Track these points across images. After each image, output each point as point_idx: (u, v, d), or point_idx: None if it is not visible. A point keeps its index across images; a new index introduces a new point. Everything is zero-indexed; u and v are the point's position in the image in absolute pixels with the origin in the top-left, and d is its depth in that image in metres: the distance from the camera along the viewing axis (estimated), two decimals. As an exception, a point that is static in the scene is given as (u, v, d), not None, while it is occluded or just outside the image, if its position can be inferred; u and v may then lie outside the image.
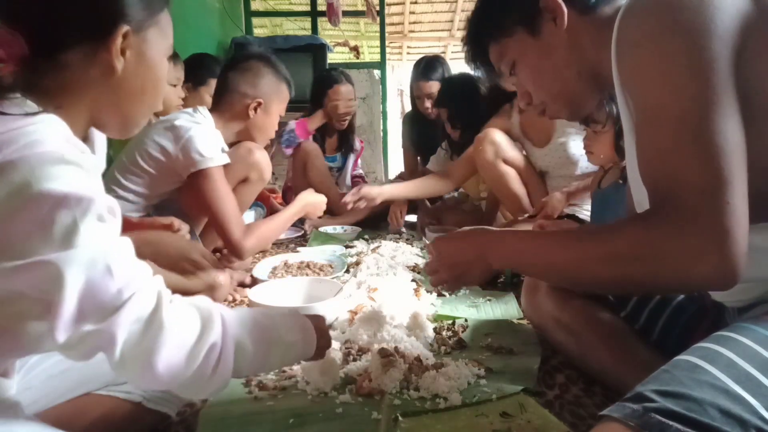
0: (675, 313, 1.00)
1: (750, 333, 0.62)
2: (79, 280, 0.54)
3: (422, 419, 0.91)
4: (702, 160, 0.63)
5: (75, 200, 0.54)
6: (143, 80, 0.71)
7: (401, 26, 7.14)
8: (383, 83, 4.45)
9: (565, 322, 1.12)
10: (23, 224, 0.53)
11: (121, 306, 0.57)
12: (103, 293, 0.56)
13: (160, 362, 0.61)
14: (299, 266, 1.86)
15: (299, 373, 1.08)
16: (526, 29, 0.88)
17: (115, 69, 0.66)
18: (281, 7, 5.66)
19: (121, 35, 0.65)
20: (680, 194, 0.64)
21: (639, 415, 0.53)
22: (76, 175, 0.56)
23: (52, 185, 0.53)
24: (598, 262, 0.72)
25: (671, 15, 0.67)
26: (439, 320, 1.37)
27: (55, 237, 0.53)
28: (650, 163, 0.70)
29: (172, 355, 0.62)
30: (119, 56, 0.66)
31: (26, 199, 0.53)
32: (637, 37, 0.70)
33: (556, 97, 0.92)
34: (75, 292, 0.54)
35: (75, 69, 0.64)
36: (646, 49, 0.69)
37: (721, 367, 0.57)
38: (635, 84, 0.72)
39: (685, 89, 0.65)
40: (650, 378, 0.59)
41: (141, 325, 0.59)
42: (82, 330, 0.55)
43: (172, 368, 0.62)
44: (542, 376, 1.08)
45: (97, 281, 0.55)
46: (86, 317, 0.55)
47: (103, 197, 0.58)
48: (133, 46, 0.68)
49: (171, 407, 0.89)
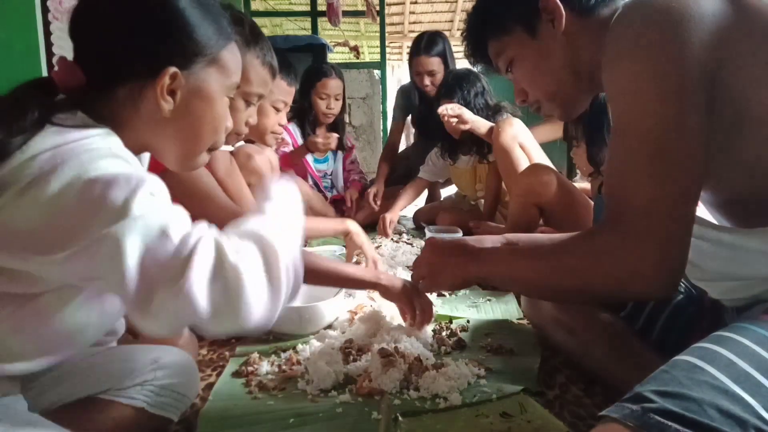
0: (674, 313, 1.00)
1: (749, 333, 0.62)
2: (137, 246, 0.54)
3: (422, 419, 0.92)
4: (653, 181, 0.67)
5: (125, 179, 0.57)
6: (199, 118, 0.72)
7: (401, 26, 7.15)
8: (383, 83, 4.46)
9: (565, 322, 1.12)
10: (77, 212, 0.55)
11: (186, 265, 0.55)
12: (162, 254, 0.56)
13: (252, 304, 0.58)
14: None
15: (301, 371, 1.08)
16: (525, 29, 0.88)
17: (162, 109, 0.68)
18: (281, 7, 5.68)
19: (168, 77, 0.67)
20: (626, 211, 0.68)
21: (638, 416, 0.53)
22: (124, 164, 0.60)
23: (101, 171, 0.57)
24: (555, 274, 0.78)
25: (650, 32, 0.69)
26: (439, 320, 1.37)
27: (108, 212, 0.55)
28: (610, 176, 0.74)
29: (259, 291, 0.60)
30: (166, 97, 0.68)
31: (78, 188, 0.56)
32: (616, 52, 0.73)
33: (551, 96, 0.93)
34: (135, 258, 0.54)
35: (125, 103, 0.68)
36: (622, 66, 0.72)
37: (720, 367, 0.57)
38: (611, 98, 0.75)
39: (650, 110, 0.68)
40: (649, 378, 0.59)
41: (215, 279, 0.57)
42: (155, 295, 0.55)
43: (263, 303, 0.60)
44: (542, 376, 1.08)
45: (155, 244, 0.56)
46: (153, 281, 0.55)
47: (153, 180, 0.60)
48: (185, 86, 0.69)
49: (174, 412, 0.89)
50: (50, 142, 0.59)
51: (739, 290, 0.74)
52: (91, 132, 0.62)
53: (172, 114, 0.69)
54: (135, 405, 0.83)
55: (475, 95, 2.28)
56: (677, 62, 0.66)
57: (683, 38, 0.66)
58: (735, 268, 0.74)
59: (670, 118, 0.67)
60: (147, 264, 0.55)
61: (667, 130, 0.67)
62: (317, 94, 2.61)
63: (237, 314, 0.58)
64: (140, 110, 0.68)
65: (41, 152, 0.58)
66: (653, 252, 0.66)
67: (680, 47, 0.66)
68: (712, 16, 0.67)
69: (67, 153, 0.58)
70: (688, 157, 0.66)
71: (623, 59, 0.71)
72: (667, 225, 0.66)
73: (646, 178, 0.67)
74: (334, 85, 2.61)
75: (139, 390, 0.85)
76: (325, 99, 2.61)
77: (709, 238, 0.74)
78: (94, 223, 0.54)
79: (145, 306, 0.55)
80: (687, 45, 0.66)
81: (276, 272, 0.61)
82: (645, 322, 1.03)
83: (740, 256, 0.72)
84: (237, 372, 1.10)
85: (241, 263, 0.58)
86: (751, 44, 0.67)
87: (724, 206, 0.79)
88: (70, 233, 0.55)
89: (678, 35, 0.66)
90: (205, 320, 0.57)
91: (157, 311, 0.55)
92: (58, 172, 0.56)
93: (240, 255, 0.59)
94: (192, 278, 0.55)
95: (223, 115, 0.75)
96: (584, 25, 0.85)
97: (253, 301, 0.58)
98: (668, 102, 0.67)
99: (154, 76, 0.67)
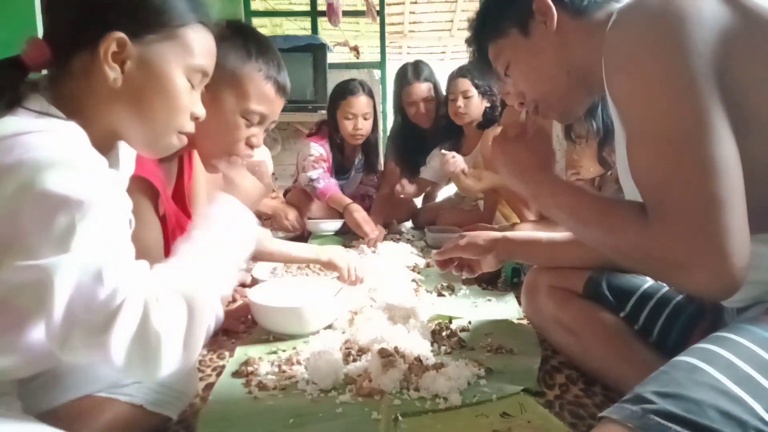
0: (674, 313, 1.00)
1: (748, 334, 0.62)
2: (69, 285, 0.55)
3: (422, 419, 0.91)
4: (688, 181, 0.65)
5: (75, 203, 0.56)
6: (150, 93, 0.70)
7: (401, 26, 7.13)
8: (383, 83, 4.45)
9: (565, 322, 1.12)
10: (26, 221, 0.55)
11: (111, 321, 0.57)
12: (91, 298, 0.57)
13: (164, 365, 0.62)
14: (299, 266, 1.86)
15: (301, 371, 1.08)
16: (520, 30, 0.90)
17: (107, 77, 0.66)
18: (281, 7, 5.66)
19: (115, 43, 0.65)
20: (676, 212, 0.66)
21: (638, 417, 0.53)
22: (80, 179, 0.58)
23: (54, 186, 0.55)
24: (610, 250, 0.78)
25: (651, 35, 0.69)
26: (439, 320, 1.37)
27: (53, 238, 0.55)
28: (645, 187, 0.71)
29: (174, 354, 0.63)
30: (112, 64, 0.66)
31: (29, 198, 0.55)
32: (621, 58, 0.72)
33: (546, 95, 0.93)
34: (64, 297, 0.55)
35: (79, 76, 0.66)
36: (630, 72, 0.71)
37: (720, 368, 0.57)
38: (621, 106, 0.75)
39: (667, 112, 0.67)
40: (649, 379, 0.59)
41: (136, 339, 0.59)
42: (75, 334, 0.56)
43: (175, 363, 0.63)
44: (542, 376, 1.08)
45: (87, 287, 0.56)
46: (76, 322, 0.56)
47: (109, 201, 0.59)
48: (136, 57, 0.67)
49: (173, 410, 0.89)
50: (12, 128, 0.58)
51: (740, 292, 0.74)
52: (54, 124, 0.61)
53: (124, 87, 0.67)
54: (133, 403, 0.83)
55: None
56: (683, 60, 0.65)
57: (685, 38, 0.66)
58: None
59: (689, 117, 0.65)
60: (74, 304, 0.56)
61: (690, 129, 0.65)
62: (343, 114, 2.42)
63: (149, 371, 0.62)
64: (91, 83, 0.66)
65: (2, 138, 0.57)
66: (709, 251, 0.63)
67: (683, 46, 0.66)
68: (711, 17, 0.67)
69: (24, 146, 0.57)
70: (722, 149, 0.64)
71: (627, 65, 0.71)
72: (720, 224, 0.63)
73: (682, 181, 0.65)
74: (361, 104, 2.40)
75: (138, 388, 0.84)
76: (351, 119, 2.41)
77: None
78: (39, 245, 0.55)
79: (62, 342, 0.57)
80: (690, 43, 0.65)
81: (197, 336, 0.65)
82: (645, 322, 1.03)
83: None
84: (237, 372, 1.10)
85: (164, 331, 0.61)
86: (751, 45, 0.67)
87: None
88: (8, 244, 0.55)
89: (679, 35, 0.66)
90: (115, 369, 0.59)
91: (72, 349, 0.58)
92: (12, 171, 0.55)
93: (164, 320, 0.61)
94: (113, 336, 0.57)
95: (180, 95, 0.72)
96: (577, 26, 0.86)
97: (168, 362, 0.62)
98: (683, 101, 0.66)
99: (96, 43, 0.65)
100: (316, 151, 2.49)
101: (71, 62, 0.66)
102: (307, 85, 3.64)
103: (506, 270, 1.70)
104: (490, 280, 1.71)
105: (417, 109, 2.63)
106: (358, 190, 2.76)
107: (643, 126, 0.70)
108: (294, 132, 3.70)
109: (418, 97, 2.61)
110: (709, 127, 0.64)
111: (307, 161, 2.46)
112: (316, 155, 2.47)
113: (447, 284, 1.67)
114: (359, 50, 4.87)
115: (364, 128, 2.43)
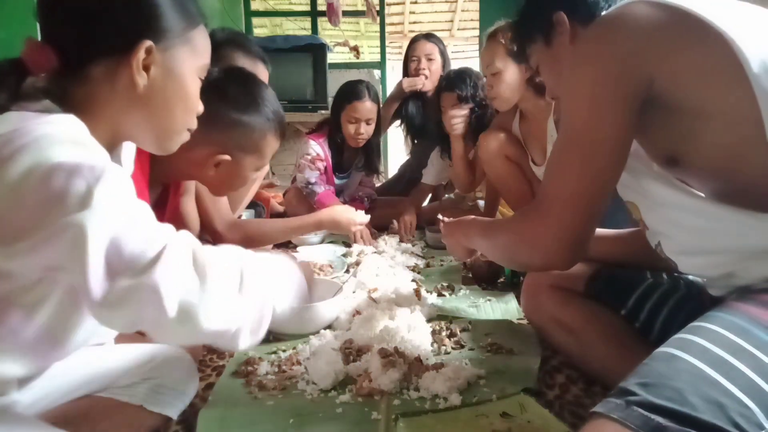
0: (674, 310, 1.00)
1: (720, 320, 0.65)
2: (102, 234, 0.54)
3: (422, 419, 0.92)
4: (578, 179, 0.78)
5: (88, 168, 0.55)
6: (172, 96, 0.72)
7: (401, 26, 7.13)
8: (383, 83, 4.45)
9: (565, 322, 1.13)
10: (39, 201, 0.54)
11: (156, 258, 0.56)
12: (130, 245, 0.55)
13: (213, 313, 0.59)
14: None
15: (301, 371, 1.08)
16: (544, 39, 0.98)
17: (136, 84, 0.67)
18: (281, 7, 5.66)
19: (144, 51, 0.66)
20: (553, 201, 0.81)
21: (622, 409, 0.56)
22: (87, 151, 0.58)
23: (63, 157, 0.55)
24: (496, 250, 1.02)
25: (590, 43, 0.79)
26: (439, 320, 1.37)
27: (72, 203, 0.53)
28: (549, 166, 0.85)
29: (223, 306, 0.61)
30: (141, 72, 0.67)
31: (39, 176, 0.54)
32: (570, 60, 0.84)
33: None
34: (100, 245, 0.53)
35: (100, 82, 0.67)
36: (572, 71, 0.81)
37: (695, 354, 0.60)
38: (561, 100, 0.87)
39: (583, 115, 0.78)
40: (633, 372, 0.62)
41: (190, 274, 0.58)
42: (118, 285, 0.54)
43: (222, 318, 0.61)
44: (542, 376, 1.08)
45: (122, 233, 0.55)
46: (117, 271, 0.54)
47: (120, 172, 0.59)
48: (158, 63, 0.68)
49: (173, 409, 0.89)
50: (8, 126, 0.58)
51: (711, 266, 0.79)
52: (52, 117, 0.61)
53: (146, 92, 0.68)
54: (134, 402, 0.84)
55: (473, 87, 2.29)
56: (610, 71, 0.75)
57: (617, 47, 0.75)
58: (709, 241, 0.77)
59: (596, 125, 0.77)
60: (111, 250, 0.54)
61: (592, 135, 0.77)
62: (347, 117, 2.41)
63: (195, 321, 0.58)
64: (115, 88, 0.67)
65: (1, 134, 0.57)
66: (567, 236, 0.80)
67: (613, 57, 0.75)
68: (648, 23, 0.73)
69: (24, 135, 0.56)
70: (609, 161, 0.78)
71: (573, 66, 0.81)
72: (582, 216, 0.79)
73: (573, 176, 0.79)
74: (366, 109, 2.38)
75: (138, 387, 0.85)
76: (354, 123, 2.40)
77: (689, 207, 0.77)
78: (57, 213, 0.53)
79: (106, 295, 0.54)
80: (620, 53, 0.74)
81: (250, 287, 0.64)
82: (645, 321, 1.04)
83: (715, 228, 0.75)
84: (237, 372, 1.10)
85: (214, 265, 0.60)
86: (689, 45, 0.72)
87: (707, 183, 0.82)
88: (31, 223, 0.54)
89: (613, 44, 0.75)
90: (165, 317, 0.56)
91: (117, 301, 0.55)
92: (15, 158, 0.54)
93: (214, 258, 0.60)
94: (159, 272, 0.55)
95: (194, 96, 0.75)
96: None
97: (219, 305, 0.60)
98: (598, 110, 0.76)
99: (129, 51, 0.66)
100: (314, 150, 2.47)
101: (89, 69, 0.66)
102: (306, 85, 3.64)
103: (506, 270, 1.70)
104: (490, 280, 1.71)
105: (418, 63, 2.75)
106: (358, 191, 2.74)
107: (565, 121, 0.81)
108: (294, 132, 3.70)
109: (422, 53, 2.74)
110: (610, 140, 0.76)
111: (305, 160, 2.46)
112: (313, 155, 2.46)
113: (447, 284, 1.67)
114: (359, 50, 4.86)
115: (366, 132, 2.44)
